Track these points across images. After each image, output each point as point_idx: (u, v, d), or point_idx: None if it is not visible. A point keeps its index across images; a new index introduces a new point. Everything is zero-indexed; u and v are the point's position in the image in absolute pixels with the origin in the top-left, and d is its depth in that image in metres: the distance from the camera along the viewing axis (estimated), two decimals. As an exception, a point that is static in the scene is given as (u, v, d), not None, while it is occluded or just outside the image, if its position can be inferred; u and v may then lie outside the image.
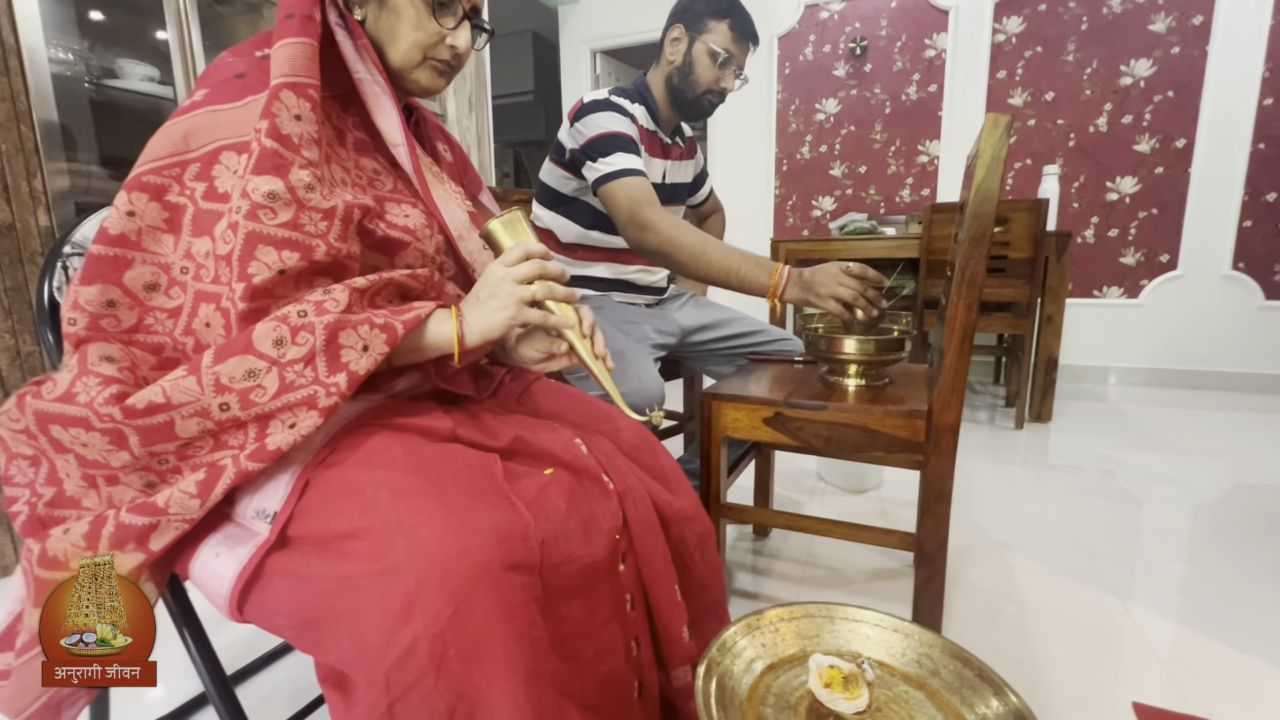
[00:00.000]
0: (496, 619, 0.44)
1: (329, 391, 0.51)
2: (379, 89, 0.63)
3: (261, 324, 0.50)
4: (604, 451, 0.66)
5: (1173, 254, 2.78)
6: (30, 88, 1.28)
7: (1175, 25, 2.62)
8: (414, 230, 0.64)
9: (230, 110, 0.56)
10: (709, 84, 1.21)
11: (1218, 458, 1.93)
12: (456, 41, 0.65)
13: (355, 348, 0.53)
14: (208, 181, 0.54)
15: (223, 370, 0.48)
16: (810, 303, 1.01)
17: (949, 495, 0.88)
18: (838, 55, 3.12)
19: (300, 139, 0.54)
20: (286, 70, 0.55)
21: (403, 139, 0.64)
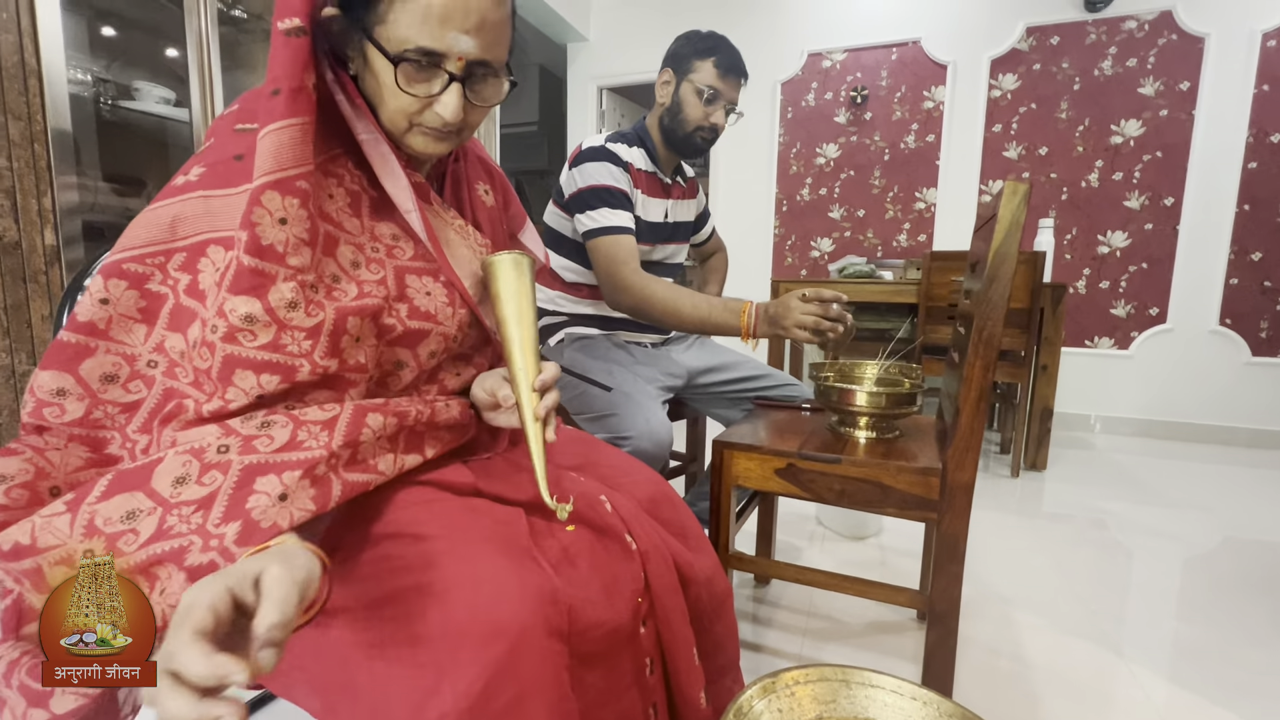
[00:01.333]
0: (530, 693, 0.43)
1: (207, 544, 0.43)
2: (384, 150, 0.60)
3: (172, 455, 0.45)
4: (627, 508, 0.64)
5: (1162, 308, 2.84)
6: (47, 107, 1.28)
7: (1163, 89, 2.73)
8: (435, 314, 0.61)
9: (222, 198, 0.52)
10: (698, 121, 1.23)
11: (1209, 512, 1.95)
12: (441, 110, 0.57)
13: (270, 493, 0.45)
14: (192, 275, 0.50)
15: (102, 509, 0.43)
16: (780, 335, 1.06)
17: (963, 555, 0.88)
18: (839, 102, 3.21)
19: (285, 245, 0.50)
20: (270, 166, 0.50)
21: (413, 204, 0.61)
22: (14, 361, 1.26)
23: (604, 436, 1.09)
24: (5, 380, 1.25)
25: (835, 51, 3.19)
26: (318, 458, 0.48)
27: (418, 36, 0.53)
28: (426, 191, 0.64)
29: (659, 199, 1.32)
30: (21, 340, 1.27)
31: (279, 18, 0.51)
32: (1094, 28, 2.79)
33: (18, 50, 1.23)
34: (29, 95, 1.25)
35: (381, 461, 0.53)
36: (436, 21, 0.53)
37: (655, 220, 1.31)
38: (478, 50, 0.56)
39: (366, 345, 0.55)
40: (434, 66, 0.56)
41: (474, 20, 0.54)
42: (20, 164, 1.25)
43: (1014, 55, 2.91)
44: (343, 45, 0.57)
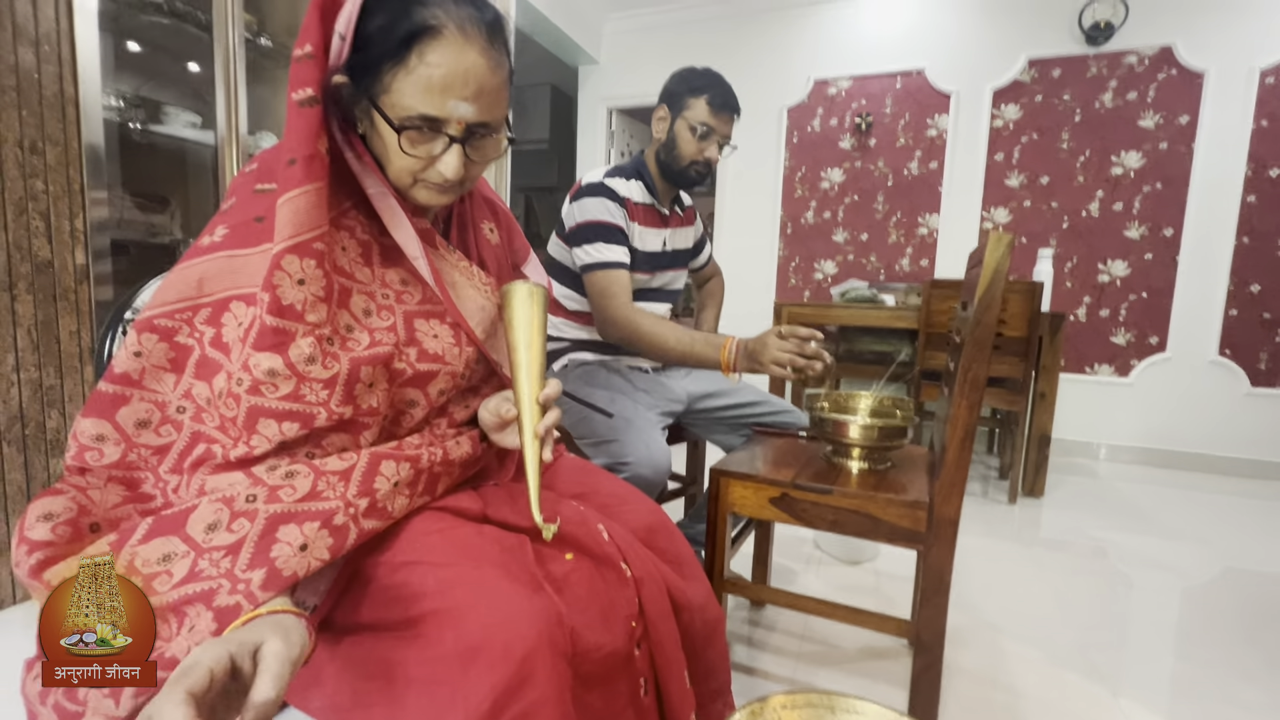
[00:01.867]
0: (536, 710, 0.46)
1: (234, 587, 0.47)
2: (391, 203, 0.63)
3: (206, 503, 0.50)
4: (623, 537, 0.68)
5: (1162, 337, 2.86)
6: (83, 133, 1.34)
7: (1163, 123, 2.78)
8: (443, 355, 0.65)
9: (244, 257, 0.56)
10: (692, 156, 1.29)
11: (1206, 544, 1.96)
12: (443, 169, 0.61)
13: (292, 544, 0.49)
14: (216, 328, 0.54)
15: (142, 551, 0.48)
16: (757, 371, 1.09)
17: (948, 586, 0.91)
18: (844, 129, 3.27)
19: (304, 304, 0.54)
20: (288, 232, 0.54)
21: (419, 250, 0.65)
22: (42, 375, 1.31)
23: (604, 462, 1.13)
24: (34, 394, 1.30)
25: (841, 79, 3.26)
26: (335, 509, 0.52)
27: (420, 105, 0.57)
28: (433, 236, 0.69)
29: (657, 229, 1.37)
30: (50, 355, 1.32)
31: (293, 89, 0.56)
32: (1095, 61, 2.84)
33: (57, 80, 1.30)
34: (66, 123, 1.32)
35: (396, 507, 0.57)
36: (437, 91, 0.57)
37: (653, 250, 1.36)
38: (476, 114, 0.60)
39: (379, 390, 0.59)
40: (435, 130, 0.59)
41: (473, 88, 0.58)
42: (56, 188, 1.31)
43: (1016, 86, 2.97)
44: (351, 108, 0.62)
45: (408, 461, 0.59)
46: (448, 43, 0.56)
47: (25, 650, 0.51)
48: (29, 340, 1.29)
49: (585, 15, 3.50)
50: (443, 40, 0.56)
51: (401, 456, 0.59)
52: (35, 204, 1.28)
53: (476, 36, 0.58)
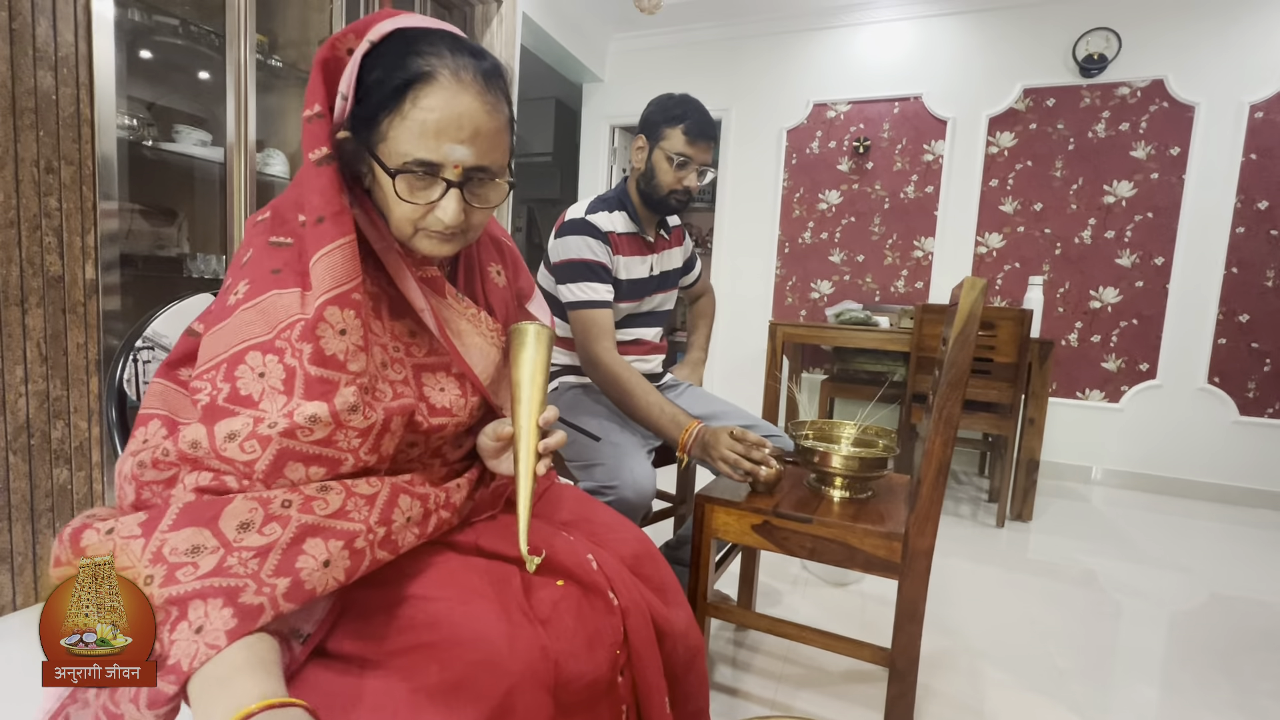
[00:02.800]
0: None
1: (260, 589, 0.46)
2: (396, 256, 0.65)
3: (241, 499, 0.50)
4: (611, 566, 0.71)
5: (1152, 364, 2.90)
6: (97, 153, 1.39)
7: (1155, 153, 2.83)
8: (450, 408, 0.67)
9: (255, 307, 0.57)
10: (671, 185, 1.32)
11: (1192, 572, 1.99)
12: (441, 215, 0.61)
13: (317, 558, 0.50)
14: (230, 383, 0.54)
15: (171, 539, 0.47)
16: (706, 462, 1.13)
17: (921, 616, 0.94)
18: (842, 151, 3.33)
19: (346, 354, 0.56)
20: (328, 285, 0.56)
21: (425, 304, 0.66)
22: (49, 387, 1.35)
23: (589, 485, 1.16)
24: (40, 405, 1.33)
25: (840, 103, 3.31)
26: (358, 531, 0.53)
27: (415, 150, 0.58)
28: (441, 285, 0.71)
29: (643, 256, 1.40)
30: (58, 367, 1.36)
31: (309, 149, 0.58)
32: (1088, 92, 2.90)
33: (74, 101, 1.35)
34: (81, 142, 1.36)
35: (405, 542, 0.59)
36: (432, 135, 0.58)
37: (640, 277, 1.39)
38: (473, 158, 0.60)
39: (395, 438, 0.62)
40: (432, 176, 0.60)
41: (468, 131, 0.59)
42: (69, 205, 1.35)
43: (1011, 114, 3.02)
44: (355, 163, 0.63)
45: (419, 500, 0.61)
46: (441, 87, 0.58)
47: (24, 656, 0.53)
48: (38, 353, 1.32)
49: (590, 35, 3.56)
50: (437, 85, 0.58)
51: (415, 493, 0.61)
52: (49, 221, 1.32)
53: (471, 82, 0.60)
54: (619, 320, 1.39)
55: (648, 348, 1.45)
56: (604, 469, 1.15)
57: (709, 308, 1.73)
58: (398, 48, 0.59)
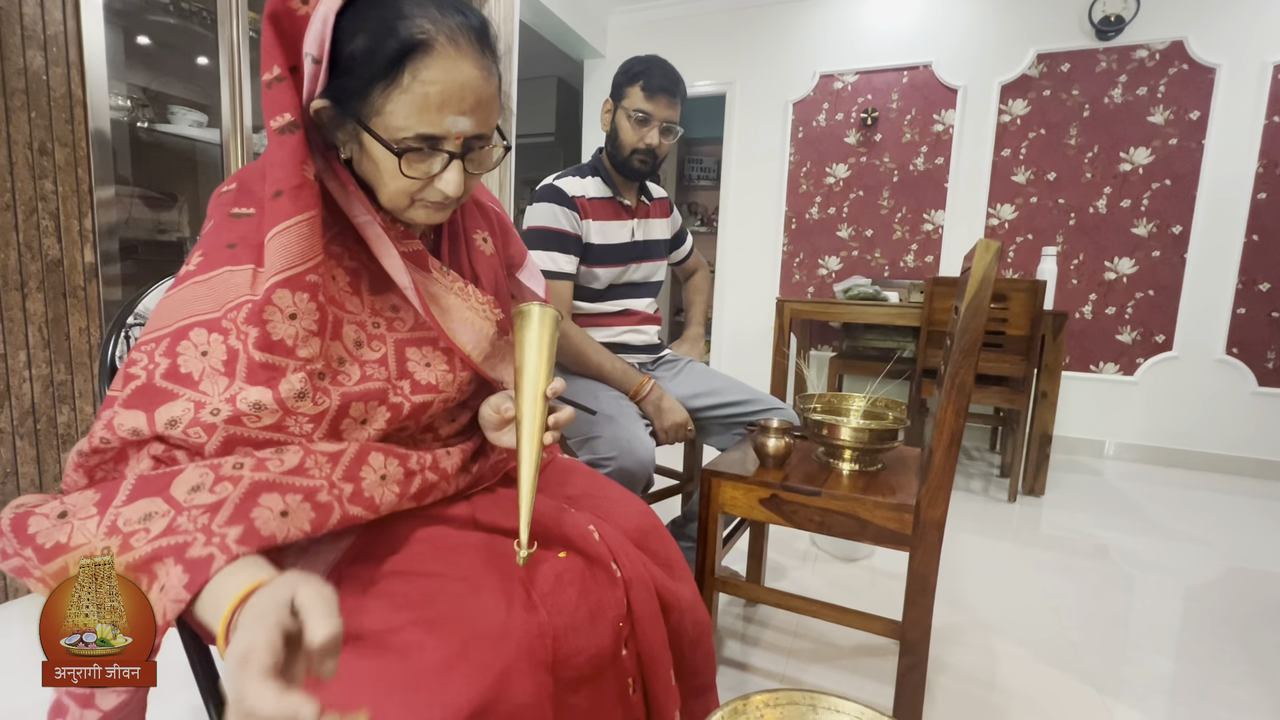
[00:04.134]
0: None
1: (209, 540, 0.46)
2: (378, 231, 0.62)
3: (193, 467, 0.49)
4: (614, 538, 0.70)
5: (1168, 335, 2.84)
6: (90, 134, 1.37)
7: (1173, 118, 2.74)
8: (437, 384, 0.65)
9: (205, 282, 0.55)
10: (633, 144, 1.30)
11: (1208, 545, 1.96)
12: (444, 187, 0.59)
13: (273, 509, 0.49)
14: (171, 359, 0.52)
15: (125, 512, 0.47)
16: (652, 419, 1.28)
17: (933, 589, 0.92)
18: (849, 124, 3.25)
19: (295, 339, 0.53)
20: (280, 265, 0.53)
21: (409, 280, 0.63)
22: (53, 371, 1.34)
23: (587, 458, 1.15)
24: (45, 389, 1.33)
25: (847, 73, 3.23)
26: (319, 486, 0.52)
27: (417, 124, 0.55)
28: (424, 259, 0.67)
29: (621, 221, 1.38)
30: (60, 352, 1.35)
31: (270, 117, 0.54)
32: (1105, 56, 2.81)
33: (65, 81, 1.32)
34: (74, 123, 1.34)
35: (383, 501, 0.57)
36: (434, 109, 0.55)
37: (620, 241, 1.37)
38: (474, 127, 0.58)
39: (374, 426, 0.59)
40: (434, 149, 0.58)
41: (470, 102, 0.57)
42: (65, 188, 1.34)
43: (1024, 81, 2.94)
44: (333, 132, 0.59)
45: (396, 459, 0.60)
46: (441, 57, 0.55)
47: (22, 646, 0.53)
48: (40, 337, 1.32)
49: (590, 10, 3.49)
50: (436, 55, 0.55)
51: (391, 453, 0.60)
52: (45, 204, 1.31)
53: (468, 47, 0.57)
54: (604, 290, 1.38)
55: (639, 318, 1.43)
56: (603, 441, 1.14)
57: (704, 283, 1.70)
58: (378, 8, 0.55)
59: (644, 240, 1.42)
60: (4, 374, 1.27)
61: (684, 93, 1.32)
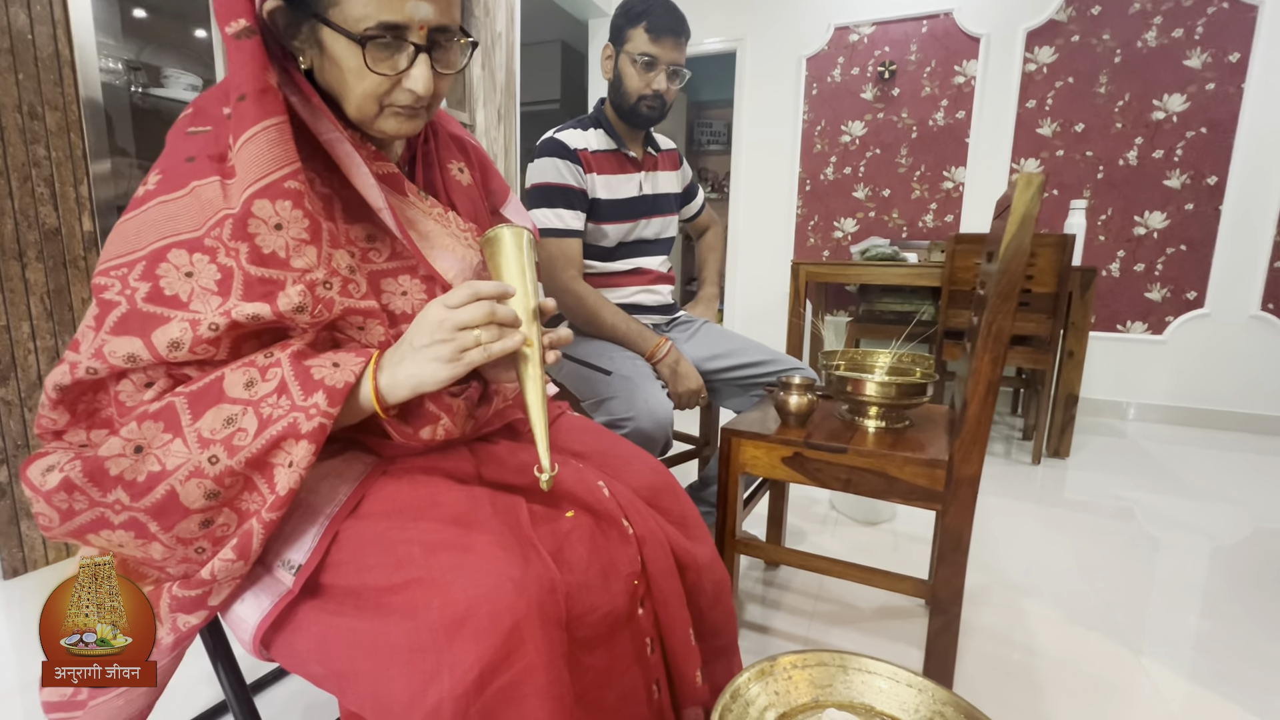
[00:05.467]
0: (524, 680, 0.45)
1: (309, 414, 0.49)
2: (348, 149, 0.58)
3: (230, 372, 0.50)
4: (624, 495, 0.66)
5: (1200, 291, 2.74)
6: (81, 97, 1.32)
7: (1211, 61, 2.60)
8: (414, 312, 0.62)
9: (177, 200, 0.52)
10: (639, 90, 1.23)
11: (1239, 504, 1.90)
12: (413, 85, 0.56)
13: (325, 365, 0.51)
14: (152, 282, 0.49)
15: (202, 425, 0.48)
16: (668, 382, 1.23)
17: (966, 546, 0.88)
18: (866, 78, 3.12)
19: (288, 249, 0.51)
20: (254, 175, 0.50)
21: (383, 201, 0.59)
22: (58, 343, 1.32)
23: (604, 420, 1.11)
24: (50, 361, 1.31)
25: (863, 25, 3.09)
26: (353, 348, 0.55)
27: (376, 12, 0.52)
28: (400, 182, 0.63)
29: (628, 174, 1.31)
30: (64, 323, 1.33)
31: (224, 22, 0.51)
32: (1139, -4, 2.65)
33: (52, 40, 1.27)
34: (64, 86, 1.30)
35: None
36: None
37: (628, 195, 1.31)
38: (437, 15, 0.54)
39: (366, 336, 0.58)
40: (398, 40, 0.54)
41: None
42: (58, 154, 1.30)
43: (1051, 27, 2.79)
44: (291, 38, 0.56)
45: None
46: None
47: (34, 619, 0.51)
48: (42, 308, 1.29)
49: (594, -36, 3.36)
50: None
51: None
52: (39, 170, 1.27)
53: None
54: (613, 248, 1.33)
55: (652, 277, 1.38)
56: (618, 401, 1.10)
57: (717, 241, 1.64)
58: None
59: (653, 194, 1.36)
60: (8, 346, 1.25)
61: (689, 33, 1.25)
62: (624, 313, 1.26)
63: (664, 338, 1.25)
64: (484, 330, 0.52)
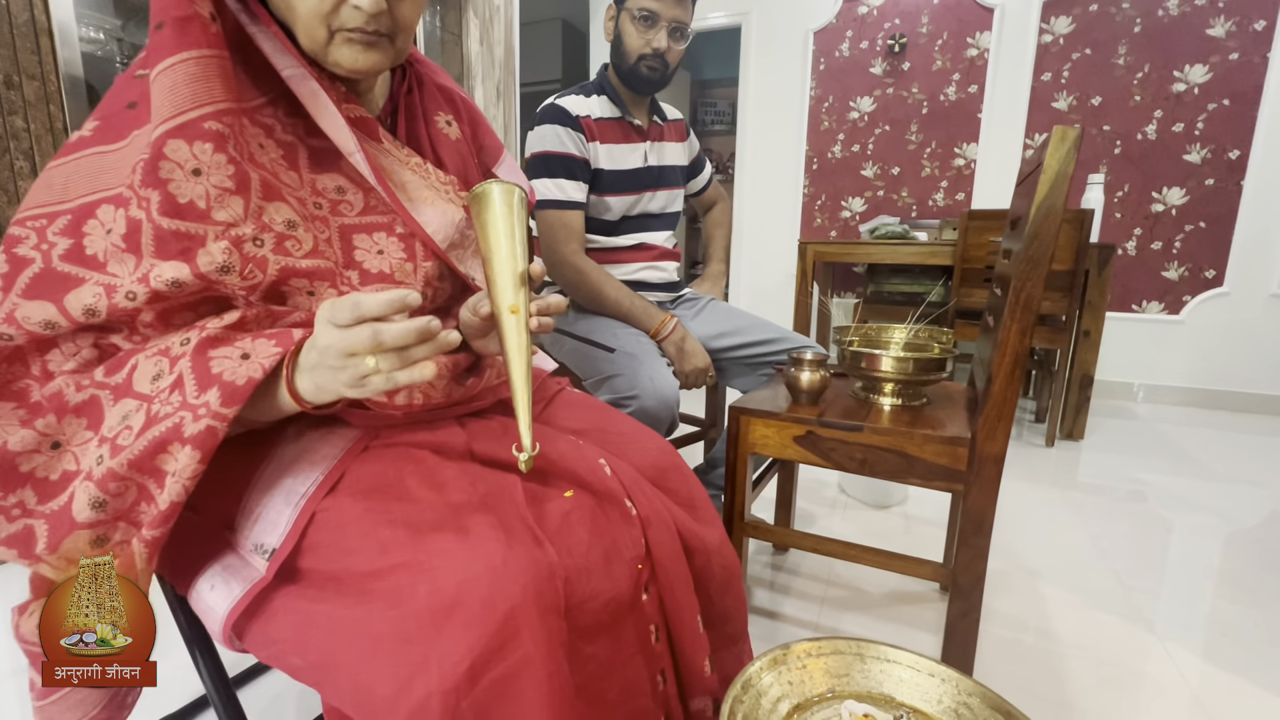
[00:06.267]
0: (519, 671, 0.41)
1: (196, 414, 0.42)
2: (313, 87, 0.52)
3: (143, 359, 0.45)
4: (628, 474, 0.62)
5: (1219, 270, 2.67)
6: (60, 67, 1.27)
7: (1235, 30, 2.50)
8: (392, 273, 0.56)
9: (115, 152, 0.47)
10: (639, 50, 1.17)
11: (1258, 486, 1.85)
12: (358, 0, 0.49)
13: (231, 357, 0.44)
14: (75, 239, 0.45)
15: (106, 422, 0.45)
16: (673, 360, 1.18)
17: (989, 528, 0.84)
18: (875, 52, 3.03)
19: (207, 199, 0.45)
20: (167, 111, 0.44)
21: (354, 144, 0.53)
22: (43, 323, 1.28)
23: (608, 398, 1.07)
24: (35, 342, 1.27)
25: (873, -4, 3.00)
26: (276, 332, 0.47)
27: None
28: (374, 128, 0.57)
29: (632, 143, 1.26)
30: (49, 302, 1.29)
31: None
32: (1160, -38, 2.55)
33: (27, 8, 1.22)
34: (41, 54, 1.24)
35: None
36: None
37: (633, 166, 1.25)
38: None
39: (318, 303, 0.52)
40: None
41: None
42: (37, 125, 1.25)
43: (1069, -5, 2.69)
44: None
45: None
46: None
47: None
48: (26, 287, 1.25)
49: (595, -64, 3.26)
50: None
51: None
52: (17, 143, 1.22)
53: None
54: (617, 222, 1.27)
55: (657, 253, 1.32)
56: (622, 379, 1.06)
57: (724, 217, 1.58)
58: None
59: (658, 166, 1.30)
60: (-8, 326, 1.22)
61: None
62: (628, 289, 1.21)
63: (669, 314, 1.21)
64: (382, 358, 0.41)
